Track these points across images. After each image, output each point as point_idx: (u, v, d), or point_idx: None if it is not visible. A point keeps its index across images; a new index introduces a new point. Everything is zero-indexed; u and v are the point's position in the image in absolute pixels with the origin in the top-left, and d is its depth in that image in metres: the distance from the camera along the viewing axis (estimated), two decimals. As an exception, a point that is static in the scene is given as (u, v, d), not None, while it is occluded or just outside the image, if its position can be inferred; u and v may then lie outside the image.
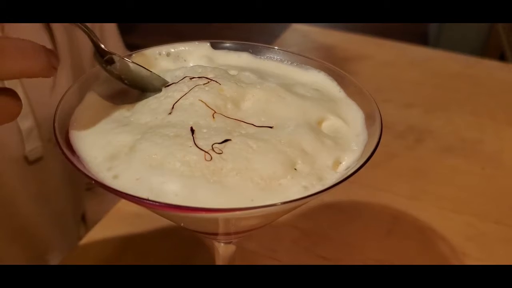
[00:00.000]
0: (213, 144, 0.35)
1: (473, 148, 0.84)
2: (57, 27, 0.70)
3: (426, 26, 3.06)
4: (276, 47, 0.49)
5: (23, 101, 0.66)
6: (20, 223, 0.72)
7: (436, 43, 2.65)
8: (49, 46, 0.69)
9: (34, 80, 0.69)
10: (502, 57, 2.11)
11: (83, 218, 0.88)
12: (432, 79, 1.03)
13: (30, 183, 0.71)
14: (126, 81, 0.42)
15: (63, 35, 0.72)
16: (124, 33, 0.91)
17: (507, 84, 1.02)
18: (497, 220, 0.70)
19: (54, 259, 0.77)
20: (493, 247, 0.66)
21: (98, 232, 0.68)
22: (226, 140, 0.36)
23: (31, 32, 0.67)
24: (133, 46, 0.89)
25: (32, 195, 0.72)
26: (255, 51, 0.49)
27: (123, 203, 0.70)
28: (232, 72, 0.44)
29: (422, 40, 2.90)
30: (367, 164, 0.36)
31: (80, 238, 0.84)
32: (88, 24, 0.76)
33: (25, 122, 0.66)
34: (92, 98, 0.42)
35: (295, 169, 0.36)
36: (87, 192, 0.88)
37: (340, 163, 0.38)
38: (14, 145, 0.66)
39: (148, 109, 0.40)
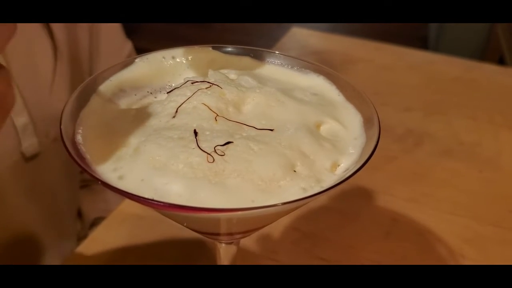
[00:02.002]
0: (215, 146, 0.36)
1: (472, 151, 0.84)
2: (56, 24, 0.71)
3: (425, 30, 3.07)
4: (276, 52, 0.50)
5: (16, 98, 0.66)
6: (14, 218, 0.72)
7: (435, 47, 2.66)
8: (48, 43, 0.70)
9: (28, 77, 0.70)
10: (501, 61, 2.12)
11: (79, 214, 0.89)
12: (431, 83, 1.04)
13: (25, 179, 0.71)
14: None
15: (63, 32, 0.72)
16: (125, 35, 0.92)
17: (506, 88, 1.03)
18: (494, 222, 0.71)
19: (49, 255, 0.78)
20: (490, 250, 0.67)
21: (101, 233, 0.69)
22: (228, 142, 0.37)
23: (30, 29, 0.68)
24: (134, 49, 0.90)
25: (27, 191, 0.72)
26: (255, 55, 0.50)
27: (126, 204, 0.71)
28: (232, 77, 0.45)
29: (422, 44, 2.91)
30: (366, 167, 0.36)
31: (78, 236, 0.85)
32: (87, 24, 0.77)
33: (19, 118, 0.66)
34: (98, 101, 0.43)
35: (295, 171, 0.37)
36: (82, 189, 0.89)
37: (338, 165, 0.39)
38: (11, 141, 0.67)
39: (153, 112, 0.41)
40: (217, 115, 0.39)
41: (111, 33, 0.85)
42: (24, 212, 0.73)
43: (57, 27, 0.71)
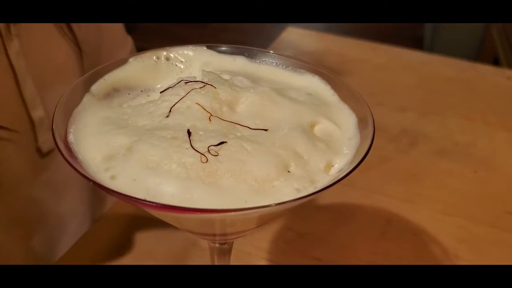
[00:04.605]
0: (209, 146, 0.36)
1: (466, 151, 0.84)
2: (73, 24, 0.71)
3: (421, 30, 3.08)
4: (271, 51, 0.50)
5: (33, 92, 0.66)
6: (28, 213, 0.72)
7: (430, 48, 2.66)
8: (65, 40, 0.69)
9: (46, 73, 0.70)
10: (496, 62, 2.13)
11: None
12: (426, 83, 1.04)
13: (40, 174, 0.71)
14: None
15: (82, 32, 0.72)
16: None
17: (501, 88, 1.03)
18: (489, 223, 0.71)
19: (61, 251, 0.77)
20: (485, 250, 0.67)
21: (94, 233, 0.68)
22: (222, 143, 0.37)
23: (49, 27, 0.68)
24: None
25: (42, 186, 0.72)
26: (250, 55, 0.49)
27: (119, 204, 0.71)
28: (225, 77, 0.45)
29: (417, 44, 2.91)
30: (361, 167, 0.36)
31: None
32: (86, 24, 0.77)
33: (36, 112, 0.66)
34: (90, 100, 0.42)
35: (288, 171, 0.37)
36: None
37: (332, 166, 0.39)
38: (28, 135, 0.66)
39: (146, 112, 0.40)
40: (211, 115, 0.39)
41: (113, 29, 0.85)
42: (38, 206, 0.73)
43: (75, 28, 0.71)
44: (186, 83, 0.42)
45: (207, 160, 0.35)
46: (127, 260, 0.63)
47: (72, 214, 0.79)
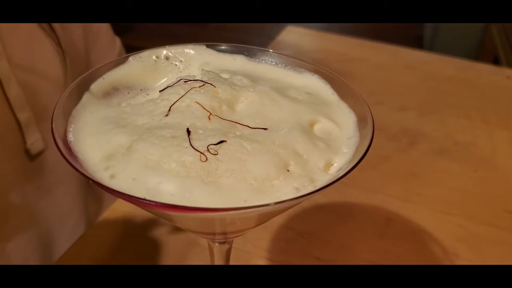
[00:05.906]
0: (208, 145, 0.36)
1: (466, 150, 0.85)
2: (55, 25, 0.70)
3: (421, 29, 3.08)
4: (271, 50, 0.50)
5: (18, 92, 0.66)
6: (20, 217, 0.72)
7: (430, 47, 2.66)
8: (49, 41, 0.69)
9: (31, 74, 0.69)
10: (496, 61, 2.13)
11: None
12: (426, 82, 1.04)
13: (31, 177, 0.70)
14: None
15: (64, 33, 0.72)
16: (120, 33, 0.92)
17: (500, 87, 1.03)
18: (488, 222, 0.71)
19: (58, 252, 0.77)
20: (484, 249, 0.67)
21: (94, 232, 0.68)
22: (221, 141, 0.37)
23: (31, 27, 0.68)
24: (129, 47, 0.90)
25: (33, 189, 0.71)
26: (250, 54, 0.49)
27: (118, 203, 0.71)
28: (225, 76, 0.45)
29: (417, 43, 2.92)
30: (361, 166, 0.36)
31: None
32: (80, 24, 0.76)
33: (22, 113, 0.65)
34: (90, 99, 0.42)
35: (288, 170, 0.37)
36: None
37: (332, 165, 0.39)
38: (15, 138, 0.66)
39: (145, 111, 0.40)
40: (211, 113, 0.39)
41: (101, 31, 0.85)
42: (30, 211, 0.72)
43: (58, 28, 0.70)
44: (185, 82, 0.42)
45: (206, 159, 0.35)
46: (127, 260, 0.63)
47: (66, 217, 0.79)
